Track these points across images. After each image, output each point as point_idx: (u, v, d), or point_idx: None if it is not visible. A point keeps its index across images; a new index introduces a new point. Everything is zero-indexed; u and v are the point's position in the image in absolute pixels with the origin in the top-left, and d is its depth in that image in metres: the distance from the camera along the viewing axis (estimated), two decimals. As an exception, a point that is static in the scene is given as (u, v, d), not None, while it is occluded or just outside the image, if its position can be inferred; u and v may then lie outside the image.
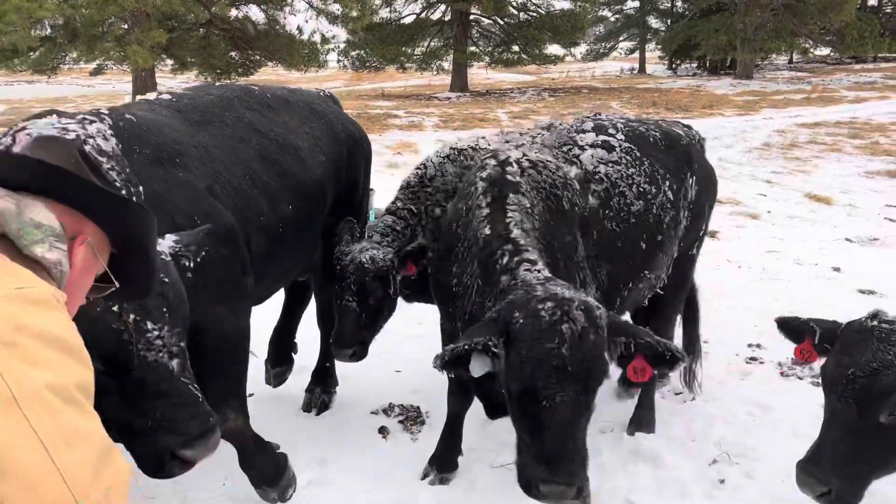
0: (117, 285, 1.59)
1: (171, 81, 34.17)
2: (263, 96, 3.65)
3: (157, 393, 2.09)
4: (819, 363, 2.73)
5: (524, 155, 3.27)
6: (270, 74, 34.47)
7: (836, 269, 7.10)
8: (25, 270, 1.25)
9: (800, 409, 4.27)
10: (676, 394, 4.56)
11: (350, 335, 3.69)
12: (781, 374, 4.79)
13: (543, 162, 3.26)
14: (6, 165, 1.43)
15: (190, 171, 2.90)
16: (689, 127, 4.30)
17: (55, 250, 1.36)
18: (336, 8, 23.92)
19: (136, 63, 19.04)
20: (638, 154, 3.64)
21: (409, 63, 33.69)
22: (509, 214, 2.95)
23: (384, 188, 5.39)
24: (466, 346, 2.43)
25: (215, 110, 3.32)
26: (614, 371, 2.71)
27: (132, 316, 2.06)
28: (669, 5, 48.98)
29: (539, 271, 2.71)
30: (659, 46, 48.78)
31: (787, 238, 8.45)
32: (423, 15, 34.38)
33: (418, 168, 4.26)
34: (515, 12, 34.09)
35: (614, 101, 25.29)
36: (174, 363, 2.14)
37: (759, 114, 21.68)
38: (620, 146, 3.61)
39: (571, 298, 2.43)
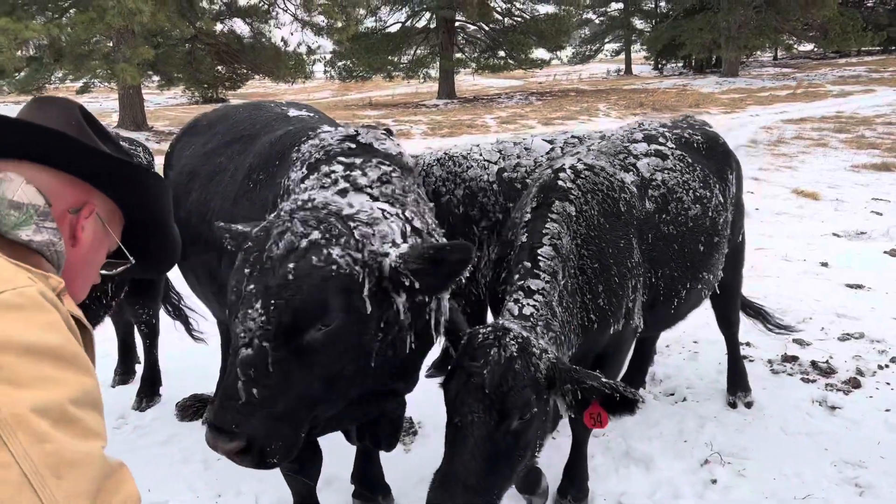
0: (132, 261, 1.47)
1: (159, 98, 34.15)
2: None
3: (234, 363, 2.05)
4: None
5: (580, 160, 3.32)
6: (258, 87, 34.51)
7: (824, 265, 7.14)
8: (3, 266, 1.09)
9: (790, 406, 4.30)
10: (668, 395, 4.58)
11: None
12: (772, 371, 4.82)
13: (600, 166, 3.32)
14: (2, 131, 1.27)
15: None
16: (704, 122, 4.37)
17: (44, 231, 1.23)
18: (321, 19, 24.01)
19: (125, 80, 19.07)
20: (690, 160, 3.73)
21: (396, 71, 33.81)
22: (548, 225, 2.96)
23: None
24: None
25: None
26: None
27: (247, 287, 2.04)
28: (653, 6, 49.29)
29: (518, 308, 2.69)
30: (644, 47, 49.11)
31: (776, 235, 8.50)
32: (408, 23, 34.52)
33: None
34: (500, 18, 34.26)
35: (602, 104, 25.40)
36: (248, 351, 2.03)
37: (746, 111, 21.83)
38: (673, 154, 3.69)
39: (510, 329, 2.42)
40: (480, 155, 4.41)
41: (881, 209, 9.58)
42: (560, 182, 3.14)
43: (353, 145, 2.70)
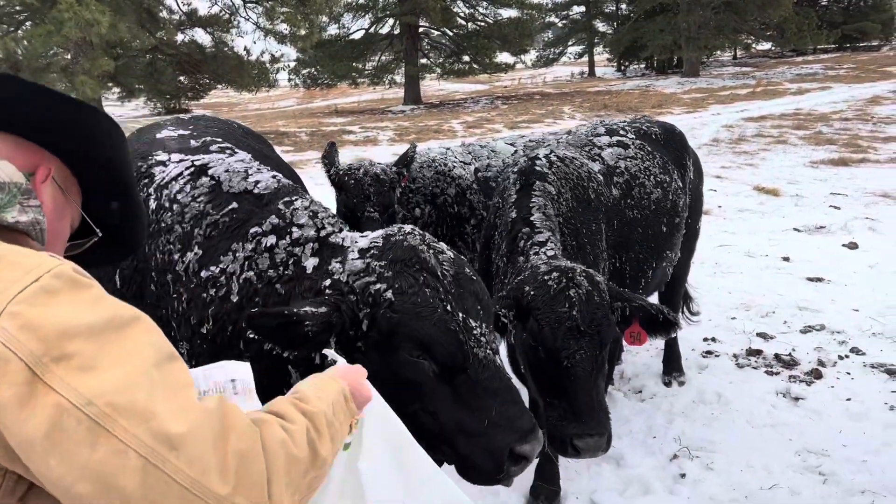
0: (99, 233, 1.35)
1: (120, 110, 33.64)
2: None
3: (490, 390, 1.99)
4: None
5: (552, 152, 3.57)
6: (221, 97, 34.15)
7: (786, 259, 7.29)
8: (24, 252, 1.01)
9: (755, 399, 4.39)
10: (636, 392, 4.64)
11: None
12: (737, 365, 4.90)
13: (570, 157, 3.58)
14: None
15: None
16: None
17: (28, 210, 1.13)
18: (284, 27, 23.86)
19: (85, 93, 18.75)
20: (649, 149, 4.04)
21: (361, 78, 33.76)
22: (533, 199, 3.20)
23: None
24: None
25: None
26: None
27: (460, 315, 1.98)
28: (615, 8, 49.86)
29: (545, 253, 2.91)
30: (606, 49, 49.68)
31: (738, 231, 8.66)
32: (371, 30, 34.51)
33: None
34: (464, 23, 34.41)
35: (566, 106, 25.63)
36: (498, 360, 2.06)
37: (708, 110, 22.19)
38: (634, 143, 4.01)
39: (573, 267, 2.65)
40: (455, 157, 4.54)
41: (839, 203, 9.80)
42: (538, 167, 3.39)
43: None
